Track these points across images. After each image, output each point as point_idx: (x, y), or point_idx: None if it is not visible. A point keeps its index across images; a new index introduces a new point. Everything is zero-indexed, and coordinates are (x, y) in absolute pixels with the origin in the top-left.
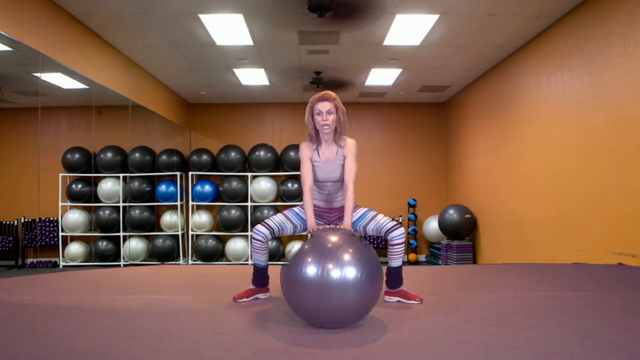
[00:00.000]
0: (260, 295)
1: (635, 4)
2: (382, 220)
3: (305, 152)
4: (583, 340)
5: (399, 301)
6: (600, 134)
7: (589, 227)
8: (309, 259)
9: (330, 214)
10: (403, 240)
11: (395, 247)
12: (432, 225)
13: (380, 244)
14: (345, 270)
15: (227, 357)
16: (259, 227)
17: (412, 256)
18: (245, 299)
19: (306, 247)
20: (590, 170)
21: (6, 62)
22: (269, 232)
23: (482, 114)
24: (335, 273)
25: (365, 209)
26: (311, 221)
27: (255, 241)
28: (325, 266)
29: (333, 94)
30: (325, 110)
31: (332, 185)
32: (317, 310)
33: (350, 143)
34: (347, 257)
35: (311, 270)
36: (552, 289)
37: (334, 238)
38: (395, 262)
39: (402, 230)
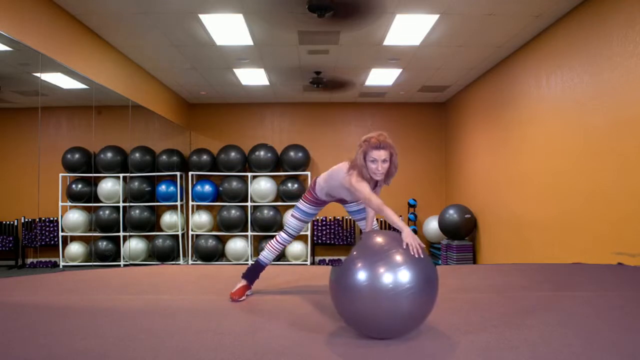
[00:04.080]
0: (248, 292)
1: (635, 4)
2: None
3: (367, 188)
4: (583, 340)
5: None
6: (600, 134)
7: (589, 227)
8: (360, 265)
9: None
10: None
11: None
12: (432, 225)
13: None
14: (399, 275)
15: (227, 357)
16: (285, 236)
17: None
18: (242, 298)
19: (357, 252)
20: (590, 170)
21: (6, 62)
22: (292, 239)
23: (482, 114)
24: (387, 277)
25: (362, 206)
26: (407, 230)
27: (278, 244)
28: (378, 271)
29: (388, 139)
30: (381, 159)
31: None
32: (368, 317)
33: (390, 180)
34: (399, 258)
35: (362, 275)
36: (552, 289)
37: (388, 242)
38: None
39: None
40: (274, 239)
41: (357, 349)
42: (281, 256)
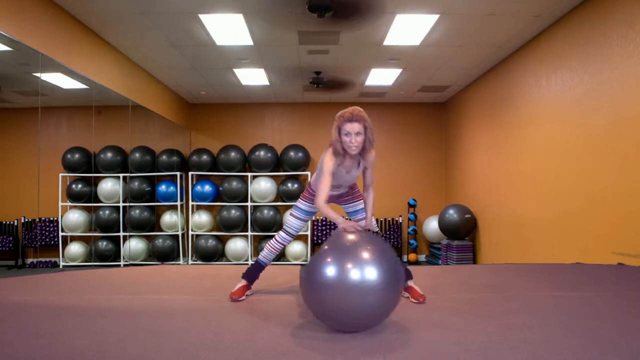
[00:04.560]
0: (248, 292)
1: (635, 4)
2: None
3: (331, 165)
4: (583, 340)
5: (407, 297)
6: (600, 134)
7: (589, 227)
8: (329, 259)
9: (338, 199)
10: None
11: None
12: (432, 225)
13: None
14: (366, 271)
15: (227, 357)
16: (284, 235)
17: (412, 256)
18: (242, 298)
19: (326, 247)
20: (590, 170)
21: (6, 62)
22: (292, 238)
23: (482, 114)
24: (354, 274)
25: (363, 206)
26: (340, 220)
27: (278, 244)
28: (345, 266)
29: (362, 113)
30: (355, 132)
31: (348, 184)
32: (337, 312)
33: (372, 157)
34: (366, 255)
35: (331, 270)
36: (552, 289)
37: (355, 238)
38: None
39: (379, 235)
40: (274, 238)
41: (364, 350)
42: (281, 256)
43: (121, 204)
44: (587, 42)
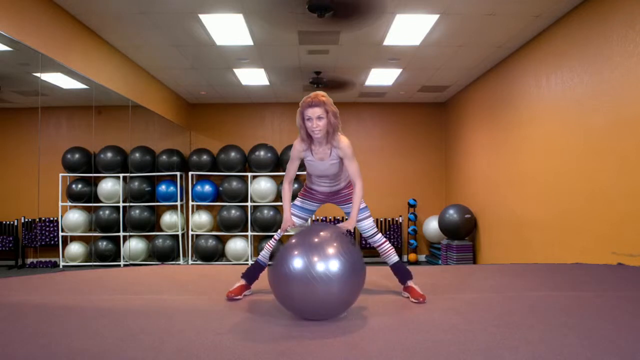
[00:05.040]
0: (247, 292)
1: (635, 4)
2: (365, 226)
3: (296, 151)
4: (583, 340)
5: (407, 297)
6: (600, 134)
7: (589, 227)
8: (296, 252)
9: (335, 197)
10: (382, 242)
11: (379, 248)
12: (432, 225)
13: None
14: (330, 264)
15: (227, 357)
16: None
17: (412, 256)
18: (239, 297)
19: (293, 241)
20: (590, 170)
21: (6, 62)
22: None
23: (482, 114)
24: (320, 266)
25: (363, 206)
26: (287, 215)
27: (276, 243)
28: (311, 259)
29: (323, 97)
30: (316, 116)
31: (331, 177)
32: (303, 302)
33: (344, 145)
34: (331, 250)
35: (297, 263)
36: (552, 289)
37: (321, 233)
38: (389, 260)
39: (378, 236)
40: (273, 238)
41: (365, 351)
42: None
43: (121, 204)
44: (587, 42)
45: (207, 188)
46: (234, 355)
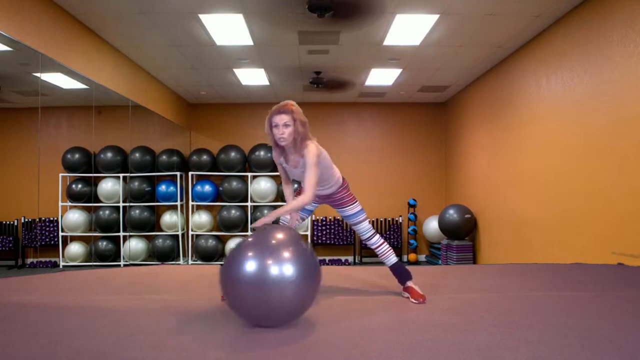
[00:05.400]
0: None
1: (635, 4)
2: (362, 229)
3: (274, 157)
4: (583, 340)
5: (407, 297)
6: (600, 134)
7: (589, 227)
8: (250, 254)
9: (329, 200)
10: (380, 244)
11: (376, 250)
12: (432, 225)
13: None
14: (284, 268)
15: (226, 356)
16: None
17: (412, 256)
18: None
19: (247, 242)
20: (590, 170)
21: (6, 62)
22: None
23: (482, 114)
24: (274, 270)
25: (357, 210)
26: (274, 214)
27: None
28: (265, 262)
29: (292, 106)
30: (282, 123)
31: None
32: (255, 307)
33: (307, 151)
34: (286, 254)
35: (250, 266)
36: (552, 289)
37: (278, 235)
38: (387, 261)
39: (375, 239)
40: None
41: (365, 351)
42: None
43: (121, 204)
44: (587, 42)
45: (207, 188)
46: (234, 354)
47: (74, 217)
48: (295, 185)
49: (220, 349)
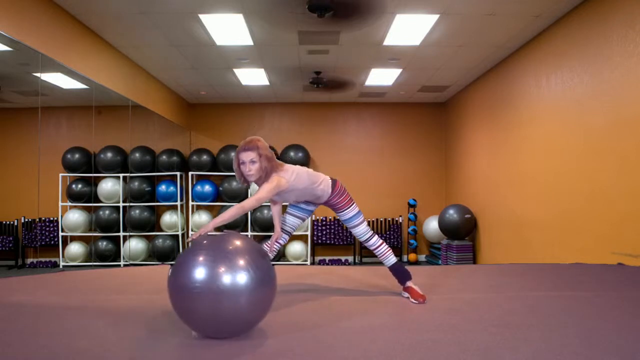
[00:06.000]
0: None
1: (635, 4)
2: (359, 231)
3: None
4: (583, 340)
5: (407, 298)
6: (600, 134)
7: (589, 227)
8: (200, 259)
9: (325, 204)
10: (378, 245)
11: (375, 251)
12: (432, 225)
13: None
14: (237, 276)
15: (226, 356)
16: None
17: (412, 256)
18: None
19: (199, 246)
20: (590, 170)
21: (6, 62)
22: (287, 236)
23: (482, 114)
24: (226, 278)
25: (353, 214)
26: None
27: (275, 243)
28: (217, 270)
29: (258, 141)
30: (248, 160)
31: (303, 197)
32: (208, 317)
33: (267, 182)
34: (241, 262)
35: (200, 273)
36: (552, 289)
37: (228, 242)
38: (386, 261)
39: (373, 240)
40: (271, 238)
41: (366, 351)
42: (281, 256)
43: (121, 204)
44: (587, 42)
45: (207, 188)
46: (234, 354)
47: (74, 217)
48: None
49: (222, 350)
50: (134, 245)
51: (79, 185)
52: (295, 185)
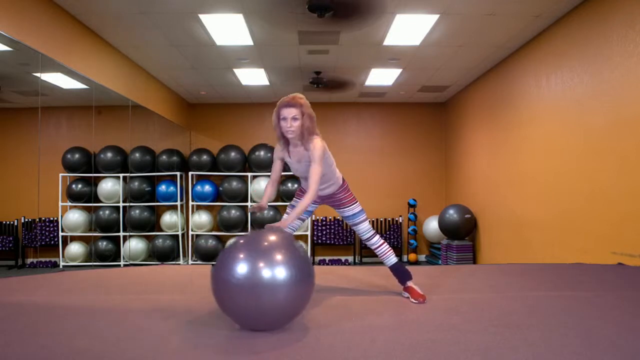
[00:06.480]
0: None
1: (635, 4)
2: (361, 229)
3: (276, 152)
4: (583, 340)
5: (407, 297)
6: (600, 134)
7: (589, 226)
8: (241, 256)
9: (329, 200)
10: (379, 245)
11: (376, 250)
12: (432, 225)
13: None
14: (276, 270)
15: (226, 356)
16: None
17: (412, 256)
18: None
19: (240, 242)
20: (590, 170)
21: (6, 62)
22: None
23: (482, 114)
24: (265, 272)
25: (357, 211)
26: (263, 202)
27: None
28: (257, 265)
29: (301, 99)
30: (291, 116)
31: (301, 175)
32: (246, 310)
33: (314, 147)
34: (279, 257)
35: (242, 268)
36: (552, 289)
37: (270, 237)
38: (387, 261)
39: (374, 239)
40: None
41: (366, 351)
42: None
43: (121, 204)
44: (587, 42)
45: (207, 188)
46: (234, 354)
47: (74, 217)
48: (296, 185)
49: (219, 351)
50: (134, 245)
51: (79, 185)
52: (325, 158)
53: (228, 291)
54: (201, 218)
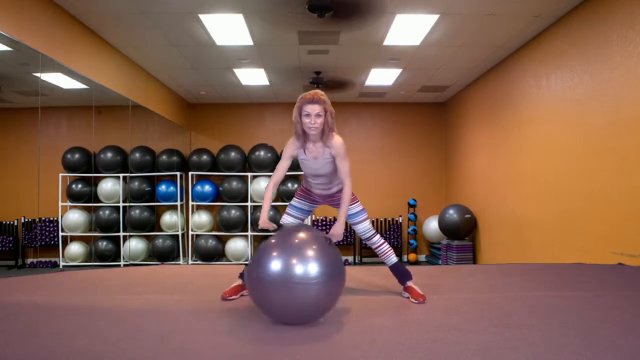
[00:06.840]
0: (245, 292)
1: (635, 4)
2: (362, 228)
3: (289, 149)
4: (583, 340)
5: (407, 297)
6: (600, 134)
7: (589, 226)
8: (274, 254)
9: (330, 200)
10: (380, 244)
11: (377, 250)
12: (432, 225)
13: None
14: (308, 267)
15: (227, 356)
16: None
17: (412, 256)
18: (234, 297)
19: (272, 241)
20: (590, 170)
21: (6, 62)
22: None
23: (482, 114)
24: (298, 269)
25: (357, 210)
26: (263, 217)
27: None
28: (290, 262)
29: (323, 95)
30: (315, 113)
31: (325, 178)
32: (281, 306)
33: (337, 144)
34: (310, 253)
35: (275, 265)
36: (552, 289)
37: (300, 235)
38: (387, 261)
39: (375, 238)
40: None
41: (367, 351)
42: None
43: (121, 204)
44: (587, 42)
45: (207, 188)
46: (234, 354)
47: (74, 217)
48: (295, 185)
49: (218, 350)
50: (134, 245)
51: (79, 185)
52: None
53: (262, 288)
54: (201, 218)
